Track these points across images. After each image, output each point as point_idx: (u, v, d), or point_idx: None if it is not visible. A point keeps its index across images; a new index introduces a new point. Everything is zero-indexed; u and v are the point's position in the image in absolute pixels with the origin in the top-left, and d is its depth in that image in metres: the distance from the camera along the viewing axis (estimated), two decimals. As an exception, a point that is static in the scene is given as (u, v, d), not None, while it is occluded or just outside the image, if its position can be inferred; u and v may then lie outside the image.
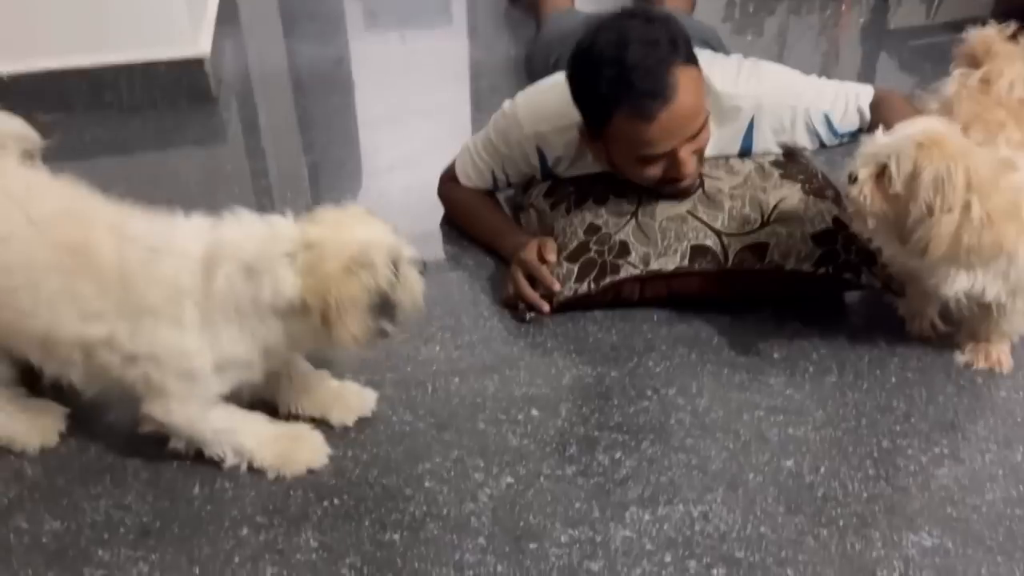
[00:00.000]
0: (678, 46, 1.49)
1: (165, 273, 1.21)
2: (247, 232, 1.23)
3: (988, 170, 1.31)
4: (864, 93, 1.73)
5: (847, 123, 1.73)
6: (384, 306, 1.22)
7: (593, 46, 1.50)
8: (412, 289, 1.28)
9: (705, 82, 1.57)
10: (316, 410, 1.41)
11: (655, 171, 1.57)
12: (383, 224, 1.28)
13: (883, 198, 1.35)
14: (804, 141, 1.74)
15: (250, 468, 1.34)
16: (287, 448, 1.34)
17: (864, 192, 1.36)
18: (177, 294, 1.20)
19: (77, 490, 1.31)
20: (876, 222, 1.38)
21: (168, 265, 1.21)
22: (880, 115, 1.67)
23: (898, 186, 1.32)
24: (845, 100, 1.72)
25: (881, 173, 1.35)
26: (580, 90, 1.55)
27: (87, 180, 2.11)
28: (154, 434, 1.33)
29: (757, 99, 1.67)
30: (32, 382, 1.39)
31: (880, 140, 1.37)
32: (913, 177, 1.31)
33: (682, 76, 1.47)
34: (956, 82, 1.63)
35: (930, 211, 1.30)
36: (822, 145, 1.76)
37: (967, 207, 1.28)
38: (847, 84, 1.76)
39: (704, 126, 1.55)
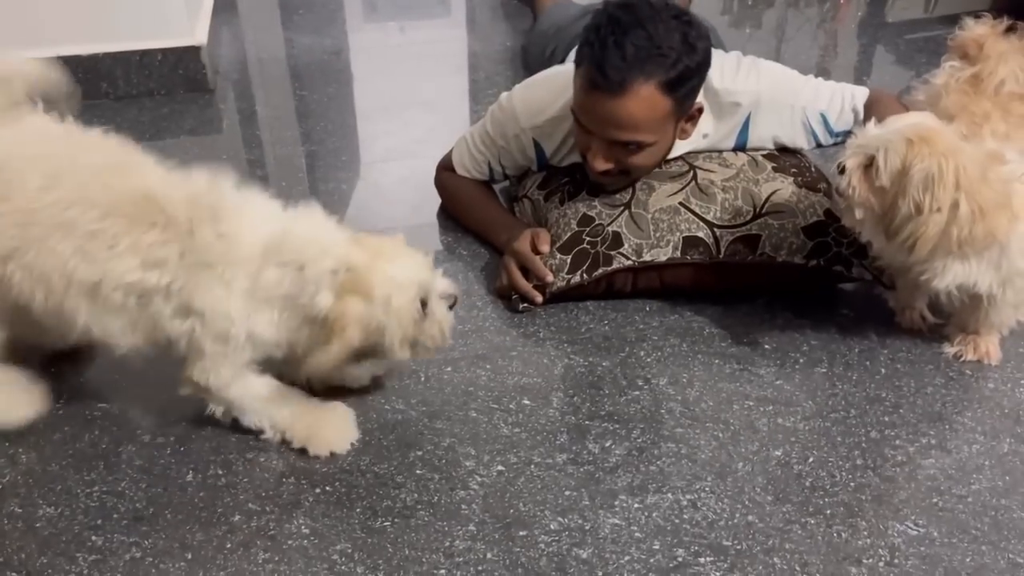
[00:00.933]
0: (667, 69, 1.46)
1: (232, 232, 1.22)
2: (312, 234, 1.25)
3: (976, 166, 1.32)
4: (859, 93, 1.74)
5: (843, 123, 1.73)
6: (370, 353, 1.28)
7: (619, 7, 1.49)
8: (440, 323, 1.33)
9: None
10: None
11: (583, 141, 1.59)
12: (421, 258, 1.31)
13: (869, 189, 1.36)
14: (800, 140, 1.74)
15: (251, 451, 1.36)
16: (316, 426, 1.36)
17: (852, 183, 1.37)
18: (236, 258, 1.22)
19: (71, 476, 1.32)
20: (863, 213, 1.39)
21: (234, 226, 1.22)
22: (873, 115, 1.68)
23: (884, 179, 1.33)
24: (841, 100, 1.73)
25: (869, 165, 1.36)
26: (590, 24, 1.53)
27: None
28: (193, 398, 1.33)
29: (755, 96, 1.68)
30: (17, 357, 1.37)
31: (870, 132, 1.38)
32: (902, 173, 1.32)
33: (642, 91, 1.46)
34: (946, 74, 1.64)
35: (918, 210, 1.30)
36: (818, 144, 1.77)
37: (955, 206, 1.29)
38: (843, 84, 1.76)
39: (637, 152, 1.55)
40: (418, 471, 1.33)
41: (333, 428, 1.37)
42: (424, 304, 1.29)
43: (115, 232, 1.20)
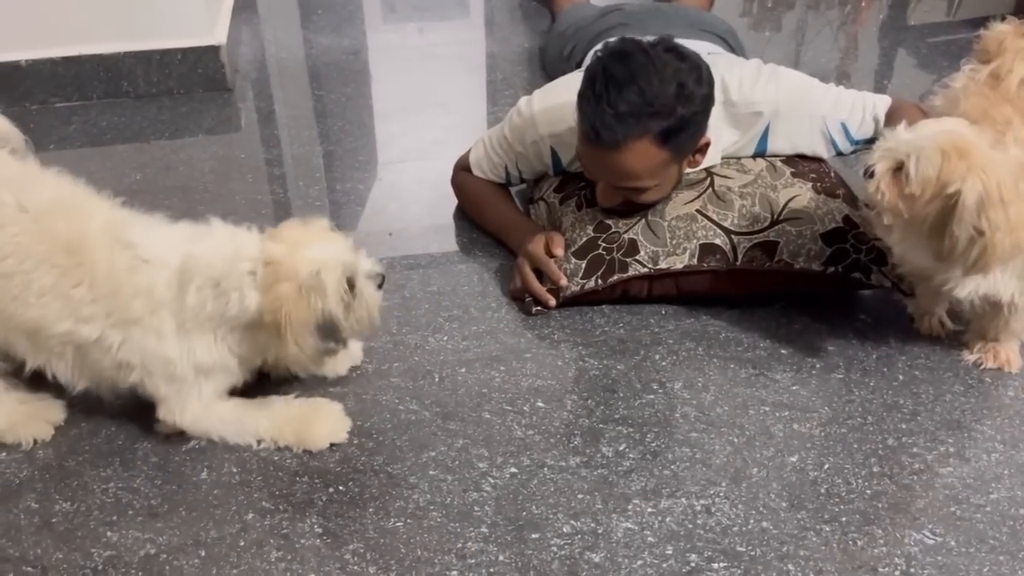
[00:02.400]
0: (662, 124, 1.45)
1: (147, 284, 1.27)
2: (215, 248, 1.28)
3: (1011, 179, 1.29)
4: (881, 102, 1.72)
5: (863, 132, 1.72)
6: (330, 328, 1.27)
7: (613, 57, 1.48)
8: (369, 304, 1.33)
9: (721, 88, 1.57)
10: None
11: (590, 177, 1.63)
12: (342, 240, 1.32)
13: (899, 195, 1.34)
14: (820, 149, 1.73)
15: (274, 449, 1.37)
16: (306, 425, 1.36)
17: (880, 187, 1.35)
18: (157, 305, 1.26)
19: (87, 472, 1.34)
20: (891, 218, 1.36)
21: (150, 276, 1.27)
22: (894, 124, 1.67)
23: (914, 186, 1.31)
24: (863, 109, 1.72)
25: (898, 169, 1.34)
26: (587, 72, 1.53)
27: (103, 166, 2.16)
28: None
29: (775, 106, 1.67)
30: (33, 375, 1.39)
31: (900, 137, 1.35)
32: (937, 183, 1.28)
33: (637, 146, 1.46)
34: (965, 76, 1.62)
35: (980, 232, 1.27)
36: (838, 153, 1.75)
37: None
38: (864, 93, 1.75)
39: (642, 192, 1.55)
40: (431, 472, 1.33)
41: (324, 422, 1.38)
42: (351, 285, 1.29)
43: (44, 283, 1.26)
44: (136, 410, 1.40)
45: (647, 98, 1.44)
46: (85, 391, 1.36)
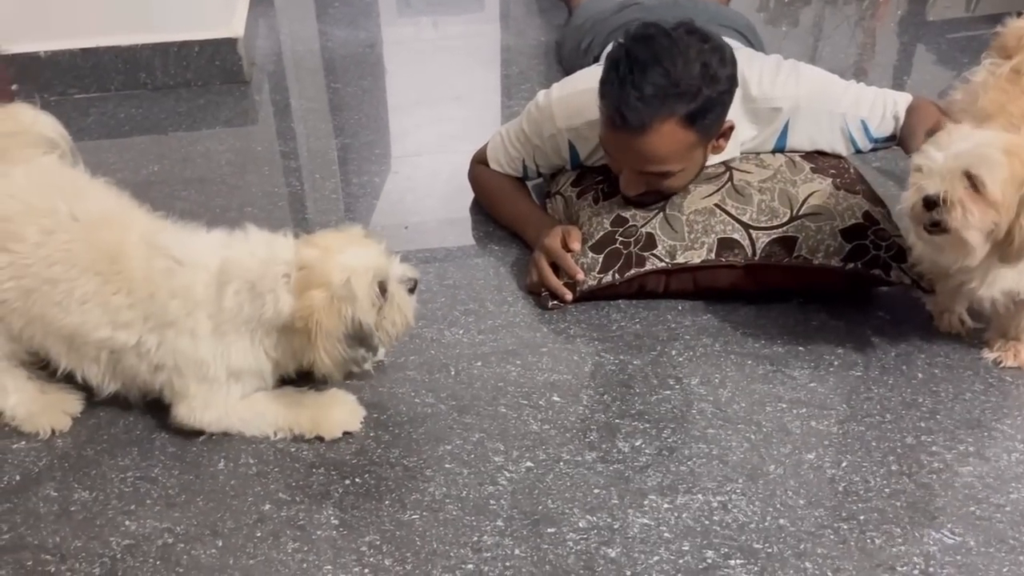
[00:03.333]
0: (688, 104, 1.44)
1: (184, 285, 1.29)
2: (251, 251, 1.30)
3: None
4: (901, 99, 1.71)
5: (883, 129, 1.71)
6: (360, 336, 1.29)
7: (636, 40, 1.47)
8: (401, 308, 1.34)
9: (740, 82, 1.56)
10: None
11: (613, 167, 1.62)
12: (375, 246, 1.33)
13: (984, 207, 1.28)
14: (839, 147, 1.72)
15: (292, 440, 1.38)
16: (321, 413, 1.37)
17: (966, 206, 1.28)
18: (193, 306, 1.28)
19: (105, 461, 1.34)
20: (978, 236, 1.30)
21: (186, 278, 1.29)
22: (911, 121, 1.66)
23: (996, 192, 1.27)
24: (883, 106, 1.70)
25: (968, 184, 1.29)
26: (608, 56, 1.53)
27: (121, 157, 2.17)
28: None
29: (795, 102, 1.66)
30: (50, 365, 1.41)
31: (942, 155, 1.30)
32: (1016, 180, 1.26)
33: (664, 128, 1.45)
34: (985, 71, 1.60)
35: None
36: (857, 151, 1.74)
37: None
38: (885, 90, 1.73)
39: (668, 177, 1.55)
40: (447, 465, 1.33)
41: (338, 410, 1.39)
42: (383, 289, 1.30)
43: (87, 290, 1.28)
44: (154, 400, 1.40)
45: (672, 79, 1.43)
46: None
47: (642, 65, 1.44)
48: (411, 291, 1.36)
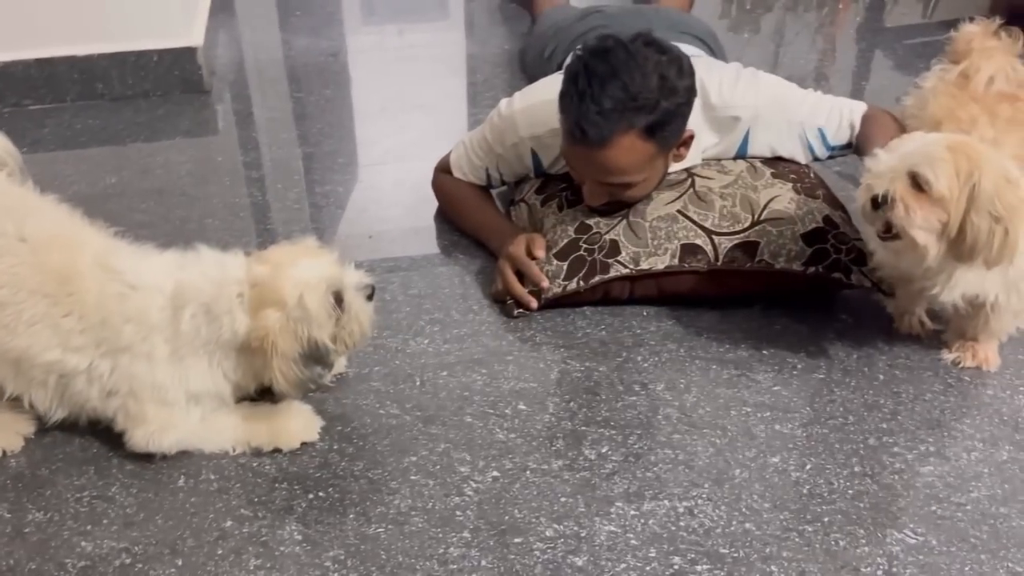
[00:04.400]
0: (647, 117, 1.45)
1: (138, 310, 1.26)
2: (204, 273, 1.28)
3: (1002, 167, 1.30)
4: (857, 108, 1.74)
5: (839, 137, 1.73)
6: (316, 356, 1.27)
7: (594, 54, 1.48)
8: (359, 317, 1.32)
9: (700, 90, 1.57)
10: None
11: (576, 178, 1.62)
12: (327, 256, 1.31)
13: (929, 206, 1.30)
14: (799, 155, 1.74)
15: (245, 455, 1.36)
16: (278, 425, 1.35)
17: (909, 204, 1.29)
18: (149, 331, 1.26)
19: (60, 481, 1.31)
20: (926, 236, 1.31)
21: (141, 302, 1.27)
22: (866, 129, 1.68)
23: (942, 188, 1.28)
24: (839, 115, 1.73)
25: (913, 184, 1.30)
26: (566, 71, 1.53)
27: (77, 169, 2.13)
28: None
29: (755, 111, 1.67)
30: None
31: (891, 156, 1.32)
32: (962, 177, 1.27)
33: (624, 141, 1.46)
34: (935, 77, 1.63)
35: (996, 219, 1.26)
36: (815, 159, 1.76)
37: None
38: (841, 99, 1.76)
39: (630, 188, 1.55)
40: (412, 477, 1.32)
41: (294, 421, 1.37)
42: (339, 299, 1.29)
43: (36, 312, 1.26)
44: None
45: (630, 92, 1.44)
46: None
47: (600, 79, 1.44)
48: (369, 298, 1.34)
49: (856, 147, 1.72)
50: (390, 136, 2.30)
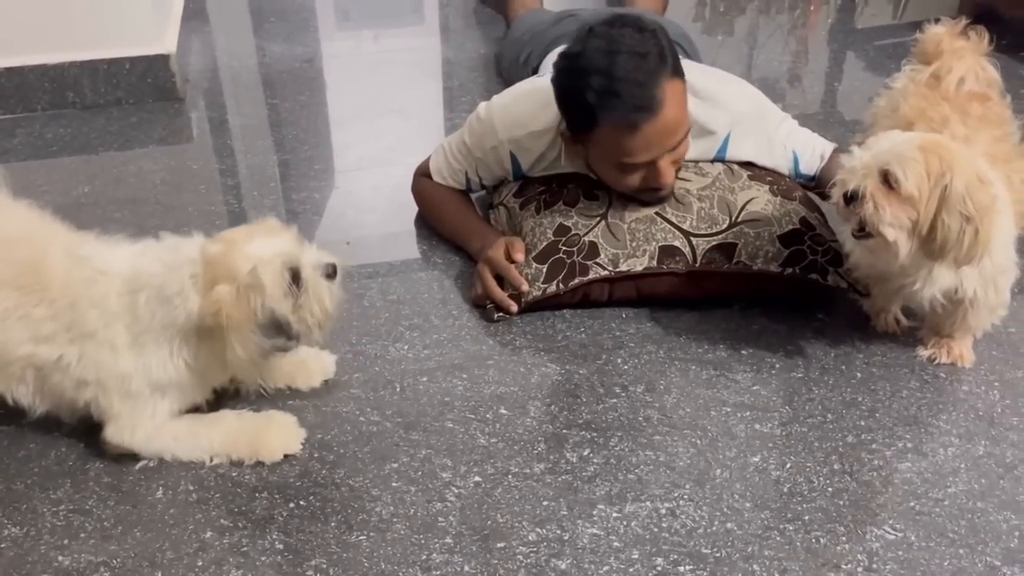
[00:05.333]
0: (666, 59, 1.48)
1: (102, 295, 1.25)
2: (159, 257, 1.27)
3: (975, 167, 1.32)
4: (828, 147, 1.78)
5: (810, 166, 1.77)
6: (275, 325, 1.25)
7: (583, 54, 1.49)
8: (319, 295, 1.28)
9: (689, 87, 1.58)
10: (281, 381, 1.45)
11: (634, 179, 1.58)
12: (285, 233, 1.29)
13: (898, 204, 1.31)
14: (781, 167, 1.76)
15: (225, 465, 1.34)
16: (259, 437, 1.34)
17: (878, 202, 1.31)
18: (110, 317, 1.25)
19: (36, 495, 1.29)
20: (894, 232, 1.33)
21: (104, 288, 1.25)
22: (831, 165, 1.72)
23: (911, 187, 1.29)
24: (812, 145, 1.77)
25: (884, 181, 1.32)
26: (566, 96, 1.55)
27: (49, 179, 2.10)
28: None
29: (737, 116, 1.69)
30: None
31: (865, 154, 1.34)
32: (932, 177, 1.29)
33: (668, 89, 1.47)
34: (905, 77, 1.65)
35: (967, 218, 1.28)
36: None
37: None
38: (814, 134, 1.80)
39: (685, 137, 1.56)
40: (394, 483, 1.31)
41: (277, 433, 1.35)
42: (296, 277, 1.26)
43: (7, 306, 1.25)
44: (87, 429, 1.36)
45: (640, 52, 1.46)
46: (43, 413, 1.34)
47: (612, 56, 1.45)
48: (330, 276, 1.30)
49: (818, 181, 1.75)
50: (366, 141, 2.29)
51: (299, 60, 2.75)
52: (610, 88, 1.45)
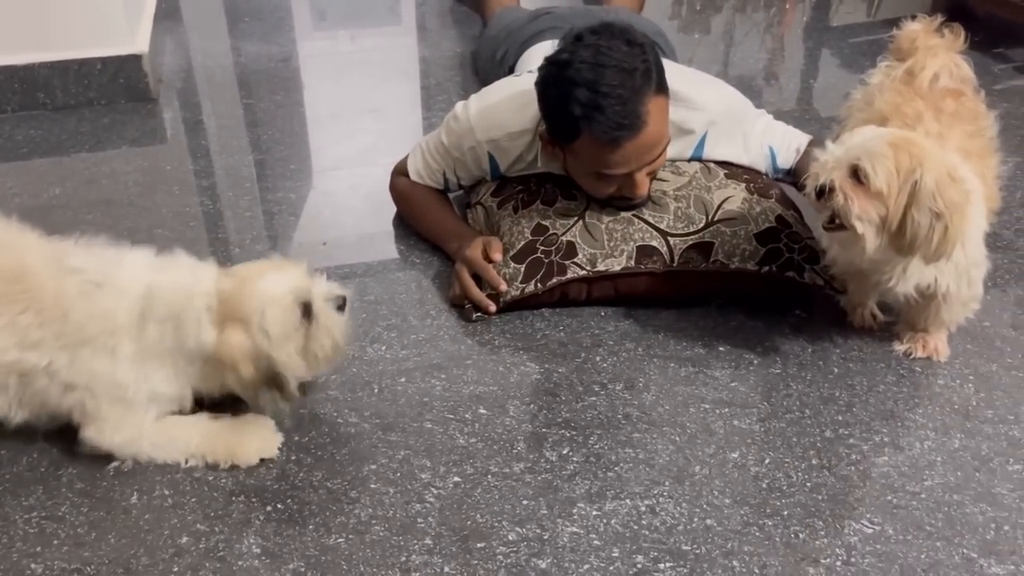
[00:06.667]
0: (651, 76, 1.47)
1: (105, 309, 1.25)
2: (175, 281, 1.27)
3: (946, 164, 1.33)
4: (804, 139, 1.78)
5: (786, 161, 1.78)
6: (275, 382, 1.27)
7: (570, 63, 1.47)
8: (330, 329, 1.30)
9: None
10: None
11: (609, 188, 1.58)
12: (295, 269, 1.30)
13: (867, 198, 1.32)
14: (759, 164, 1.76)
15: (202, 468, 1.33)
16: (236, 440, 1.33)
17: (847, 195, 1.32)
18: (115, 328, 1.25)
19: (8, 502, 1.27)
20: (864, 226, 1.34)
21: (108, 302, 1.25)
22: (807, 158, 1.72)
23: (880, 183, 1.30)
24: (788, 140, 1.78)
25: (853, 176, 1.33)
26: (550, 103, 1.54)
27: (19, 181, 2.07)
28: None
29: (713, 116, 1.69)
30: None
31: (837, 148, 1.36)
32: (902, 173, 1.30)
33: (652, 107, 1.47)
34: (881, 73, 1.66)
35: (937, 215, 1.29)
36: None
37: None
38: (790, 128, 1.81)
39: (663, 152, 1.56)
40: (372, 485, 1.30)
41: (254, 436, 1.35)
42: (308, 311, 1.27)
43: None
44: (59, 434, 1.34)
45: (626, 68, 1.45)
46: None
47: (599, 69, 1.44)
48: (340, 308, 1.32)
49: (795, 174, 1.76)
50: (343, 141, 2.28)
51: (275, 60, 2.73)
52: (595, 103, 1.45)
